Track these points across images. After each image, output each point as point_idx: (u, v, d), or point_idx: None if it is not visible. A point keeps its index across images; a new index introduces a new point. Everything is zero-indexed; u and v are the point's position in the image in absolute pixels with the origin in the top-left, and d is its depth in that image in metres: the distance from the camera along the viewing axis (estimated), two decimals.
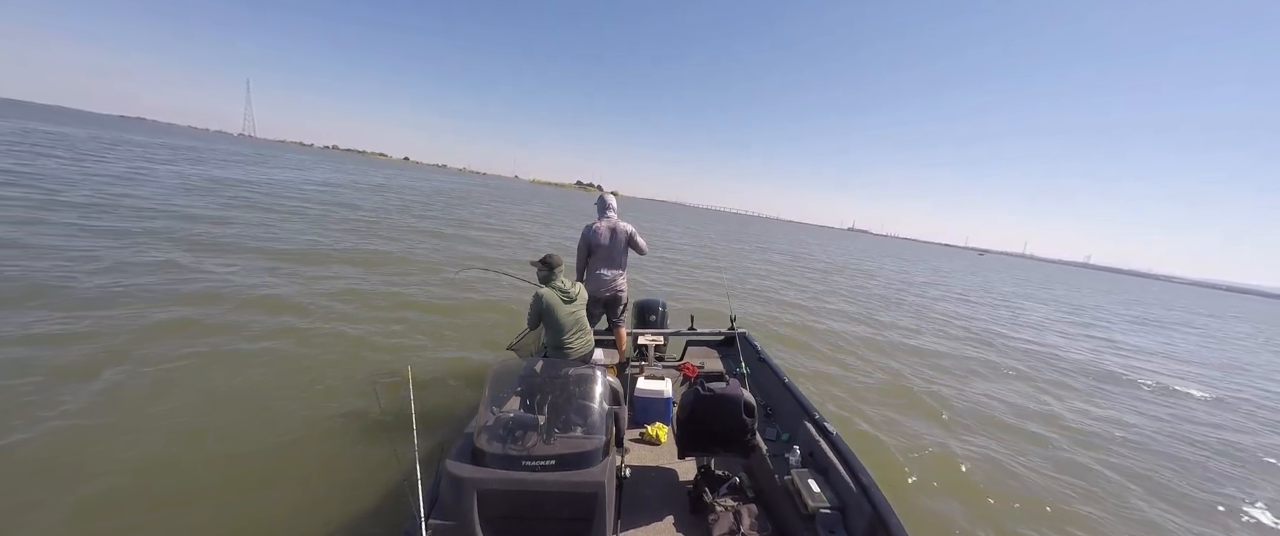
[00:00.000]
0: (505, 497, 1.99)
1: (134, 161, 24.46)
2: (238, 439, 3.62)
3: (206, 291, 6.63)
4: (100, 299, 5.74)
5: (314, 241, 11.21)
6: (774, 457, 2.94)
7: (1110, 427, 6.29)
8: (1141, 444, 5.89)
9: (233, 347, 5.06)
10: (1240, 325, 27.59)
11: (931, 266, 43.05)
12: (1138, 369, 10.48)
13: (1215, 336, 19.65)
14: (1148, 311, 27.53)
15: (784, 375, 3.80)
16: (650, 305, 5.11)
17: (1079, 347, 12.24)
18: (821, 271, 22.98)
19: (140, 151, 32.30)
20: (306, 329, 5.83)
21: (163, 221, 10.69)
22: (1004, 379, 8.12)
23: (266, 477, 3.27)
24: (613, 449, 2.27)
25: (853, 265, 29.82)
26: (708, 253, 22.31)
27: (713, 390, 2.68)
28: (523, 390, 2.61)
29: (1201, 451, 5.91)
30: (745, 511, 2.58)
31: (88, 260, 7.07)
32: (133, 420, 3.66)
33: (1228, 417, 7.59)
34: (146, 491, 3.00)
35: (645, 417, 3.56)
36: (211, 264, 7.94)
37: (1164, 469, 5.24)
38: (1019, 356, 10.05)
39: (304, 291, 7.27)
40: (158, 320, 5.43)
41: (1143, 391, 8.64)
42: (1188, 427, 6.77)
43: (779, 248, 36.77)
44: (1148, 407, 7.56)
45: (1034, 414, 6.44)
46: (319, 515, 2.98)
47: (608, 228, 3.99)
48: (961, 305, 17.56)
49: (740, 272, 17.64)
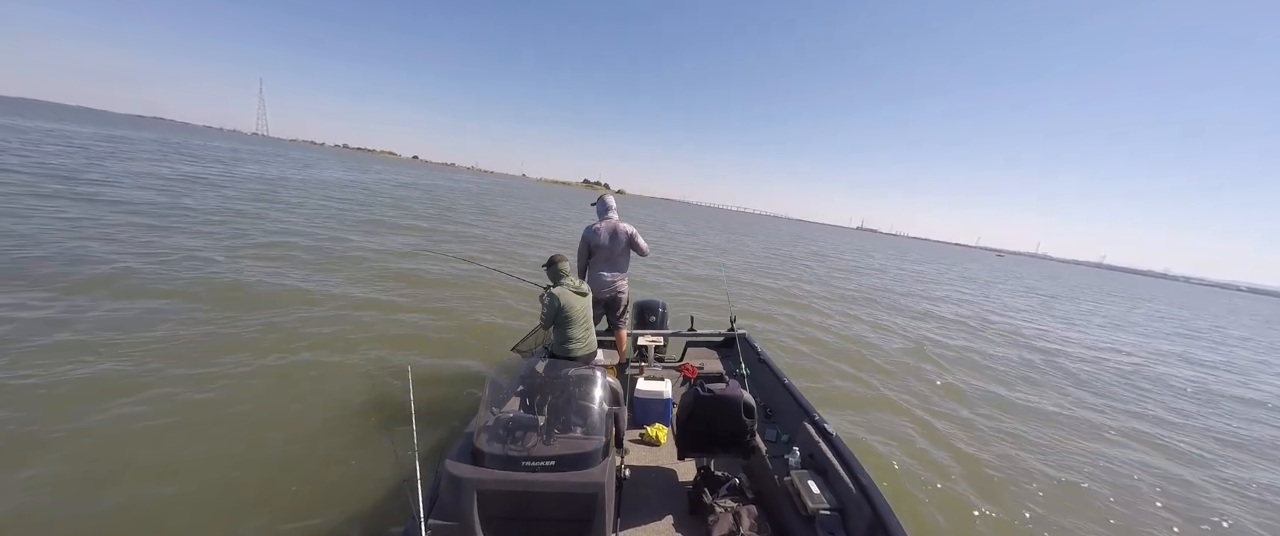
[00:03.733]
0: (505, 498, 2.01)
1: (237, 164, 27.72)
2: (237, 438, 3.62)
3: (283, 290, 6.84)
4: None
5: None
6: (774, 458, 2.94)
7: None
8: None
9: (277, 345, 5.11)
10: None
11: (987, 275, 38.52)
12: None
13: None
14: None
15: (784, 376, 3.80)
16: (650, 306, 5.11)
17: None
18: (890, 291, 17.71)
19: (229, 154, 35.52)
20: (311, 327, 5.90)
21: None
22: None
23: (266, 477, 3.26)
24: (612, 449, 2.28)
25: (908, 282, 22.27)
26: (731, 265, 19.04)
27: (712, 391, 2.68)
28: (523, 390, 2.63)
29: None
30: (745, 512, 2.58)
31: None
32: (133, 420, 3.65)
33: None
34: (146, 491, 3.00)
35: (645, 418, 3.57)
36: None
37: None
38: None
39: (325, 288, 7.39)
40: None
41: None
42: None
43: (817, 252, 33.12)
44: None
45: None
46: (319, 514, 2.99)
47: (608, 229, 4.00)
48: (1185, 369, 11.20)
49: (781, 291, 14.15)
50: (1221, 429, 6.97)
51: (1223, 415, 7.75)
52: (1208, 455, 5.85)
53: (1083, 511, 4.23)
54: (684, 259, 18.63)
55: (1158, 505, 4.52)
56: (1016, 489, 4.43)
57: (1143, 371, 10.25)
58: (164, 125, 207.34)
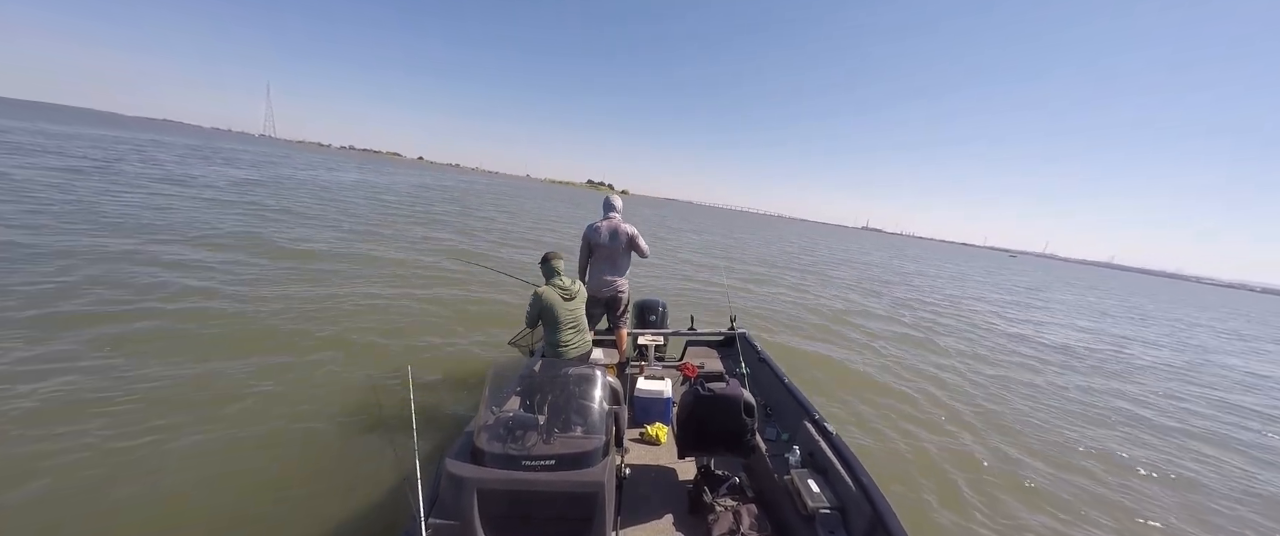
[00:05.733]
0: (505, 497, 2.01)
1: (270, 166, 29.81)
2: (237, 437, 3.63)
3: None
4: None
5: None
6: (774, 457, 2.94)
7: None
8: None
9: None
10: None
11: (1023, 281, 37.23)
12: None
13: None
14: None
15: (784, 375, 3.79)
16: (650, 305, 5.10)
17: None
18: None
19: (265, 158, 38.25)
20: (315, 327, 5.95)
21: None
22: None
23: (266, 477, 3.28)
24: (612, 449, 2.28)
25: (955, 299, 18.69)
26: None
27: (713, 390, 2.68)
28: (522, 390, 2.63)
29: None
30: (745, 511, 2.58)
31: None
32: (129, 417, 3.67)
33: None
34: (145, 491, 3.01)
35: (645, 417, 3.57)
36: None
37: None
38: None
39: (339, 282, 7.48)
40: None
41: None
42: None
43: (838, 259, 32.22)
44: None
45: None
46: (319, 514, 3.00)
47: (609, 228, 4.01)
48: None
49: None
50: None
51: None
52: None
53: (1084, 510, 4.20)
54: (682, 261, 18.73)
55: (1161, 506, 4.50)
56: (1017, 487, 4.42)
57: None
58: (176, 128, 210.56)
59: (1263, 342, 18.70)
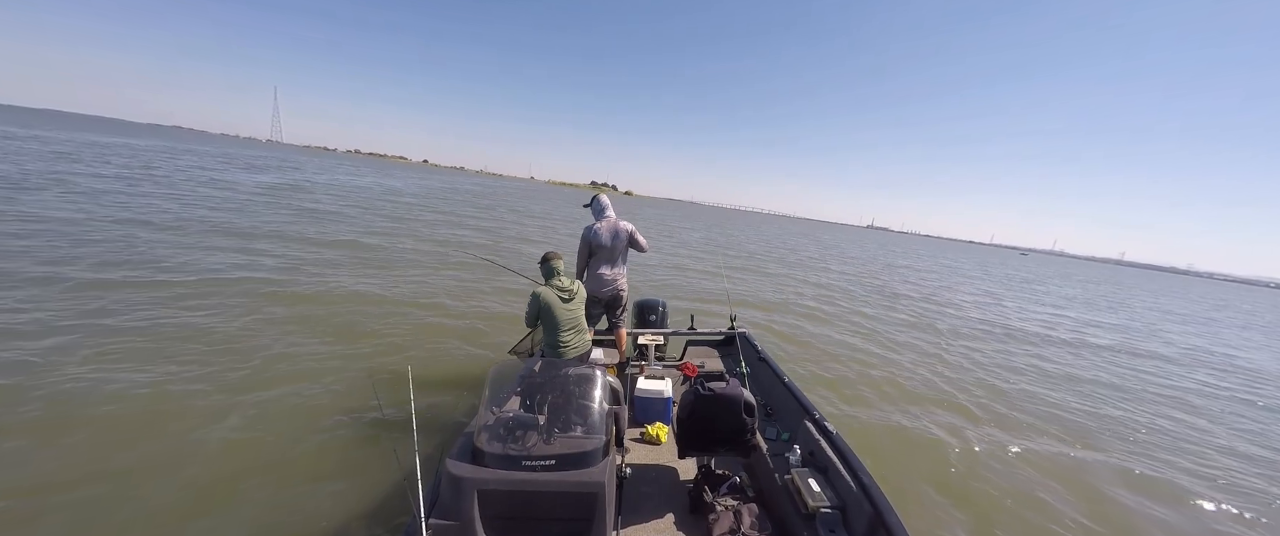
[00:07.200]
0: (505, 497, 2.02)
1: (296, 171, 31.90)
2: (237, 437, 3.63)
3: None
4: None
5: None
6: (774, 457, 2.93)
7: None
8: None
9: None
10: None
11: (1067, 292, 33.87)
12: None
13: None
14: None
15: (784, 374, 3.78)
16: (650, 305, 5.08)
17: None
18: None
19: (280, 162, 40.47)
20: (315, 325, 6.00)
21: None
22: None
23: (266, 477, 3.28)
24: (613, 448, 2.29)
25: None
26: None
27: (713, 390, 2.68)
28: (522, 390, 2.64)
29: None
30: (745, 511, 2.58)
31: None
32: (128, 417, 3.68)
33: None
34: (144, 490, 3.01)
35: (645, 417, 3.58)
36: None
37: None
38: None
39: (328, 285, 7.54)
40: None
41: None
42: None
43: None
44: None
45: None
46: (319, 514, 2.99)
47: (609, 228, 4.01)
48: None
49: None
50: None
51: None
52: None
53: (1082, 510, 4.16)
54: (683, 261, 18.76)
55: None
56: (1016, 486, 4.38)
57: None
58: (186, 134, 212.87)
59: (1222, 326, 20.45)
